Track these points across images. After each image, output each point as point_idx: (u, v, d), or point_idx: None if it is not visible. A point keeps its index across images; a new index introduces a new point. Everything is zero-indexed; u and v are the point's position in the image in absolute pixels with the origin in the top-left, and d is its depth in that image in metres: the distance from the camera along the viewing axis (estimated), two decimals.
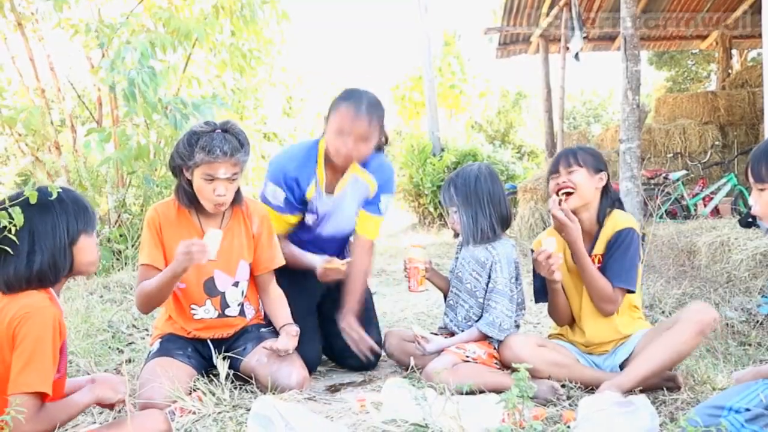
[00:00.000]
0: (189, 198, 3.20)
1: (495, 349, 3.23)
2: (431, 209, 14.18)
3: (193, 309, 3.27)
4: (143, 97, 6.21)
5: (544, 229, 10.21)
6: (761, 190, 2.23)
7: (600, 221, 3.23)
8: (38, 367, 2.09)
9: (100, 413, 2.89)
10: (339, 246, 3.90)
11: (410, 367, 3.30)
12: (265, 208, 3.46)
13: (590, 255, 3.17)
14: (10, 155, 9.07)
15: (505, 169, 14.86)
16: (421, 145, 14.74)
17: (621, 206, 3.30)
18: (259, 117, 16.12)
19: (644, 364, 2.84)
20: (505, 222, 3.37)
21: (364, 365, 3.64)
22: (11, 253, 2.19)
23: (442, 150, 14.79)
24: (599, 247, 3.20)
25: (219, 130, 3.09)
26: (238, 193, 3.26)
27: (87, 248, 2.34)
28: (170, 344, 3.20)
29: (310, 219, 3.66)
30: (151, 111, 6.53)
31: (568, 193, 3.18)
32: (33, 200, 2.18)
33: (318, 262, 3.57)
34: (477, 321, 3.30)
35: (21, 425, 2.04)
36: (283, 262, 3.42)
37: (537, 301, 3.41)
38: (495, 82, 25.10)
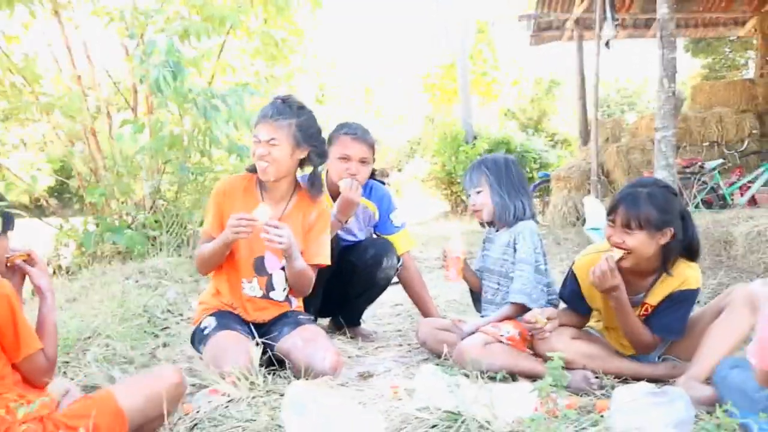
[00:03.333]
0: (254, 168, 3.34)
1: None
2: (464, 197, 14.13)
3: (242, 283, 3.34)
4: (172, 89, 6.26)
5: (577, 218, 10.15)
6: None
7: (660, 267, 2.94)
8: (26, 333, 2.17)
9: None
10: None
11: (443, 355, 3.30)
12: (328, 205, 3.57)
13: (641, 302, 3.00)
14: (48, 142, 9.16)
15: (538, 157, 14.78)
16: (454, 133, 14.69)
17: (692, 253, 2.97)
18: None
19: (713, 353, 2.71)
20: (530, 202, 3.48)
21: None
22: None
23: (475, 138, 14.74)
24: (653, 298, 2.98)
25: (278, 99, 3.28)
26: (312, 182, 3.38)
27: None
28: (227, 319, 3.26)
29: None
30: (182, 101, 6.58)
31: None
32: None
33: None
34: None
35: (44, 376, 2.22)
36: (327, 263, 3.44)
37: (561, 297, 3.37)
38: (528, 70, 24.92)
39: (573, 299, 3.20)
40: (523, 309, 3.23)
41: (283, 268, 3.34)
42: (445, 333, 3.45)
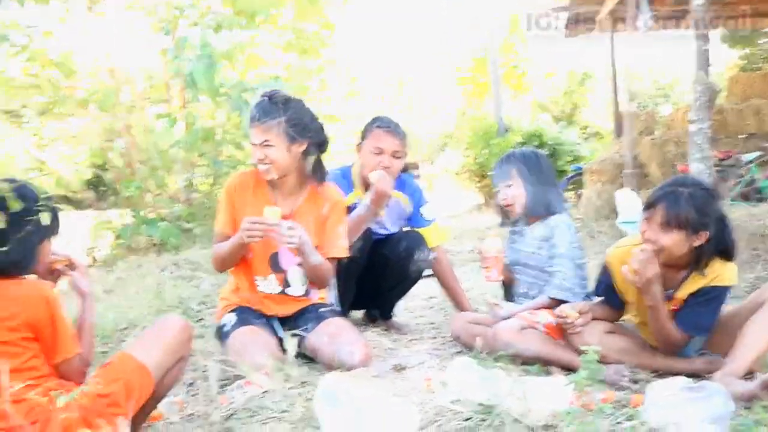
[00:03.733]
0: None
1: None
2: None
3: (257, 280, 3.35)
4: (203, 83, 6.30)
5: (610, 211, 10.06)
6: None
7: (694, 265, 2.89)
8: (66, 335, 2.19)
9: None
10: None
11: (477, 348, 3.29)
12: (341, 195, 3.52)
13: (672, 296, 2.95)
14: (84, 136, 9.28)
15: (571, 150, 14.66)
16: (486, 126, 14.62)
17: (728, 255, 2.90)
18: (322, 98, 16.20)
19: (750, 349, 2.68)
20: (562, 195, 3.51)
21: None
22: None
23: (507, 130, 14.65)
24: (683, 291, 2.94)
25: (264, 98, 3.24)
26: (316, 173, 3.35)
27: (46, 253, 2.31)
28: (247, 315, 3.27)
29: None
30: (215, 95, 6.63)
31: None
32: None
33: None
34: None
35: (79, 378, 2.23)
36: (344, 254, 3.45)
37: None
38: (561, 62, 24.69)
39: (606, 292, 3.16)
40: (560, 303, 3.21)
41: (299, 264, 3.34)
42: (478, 327, 3.43)
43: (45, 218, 2.18)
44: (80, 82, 7.80)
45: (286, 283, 3.36)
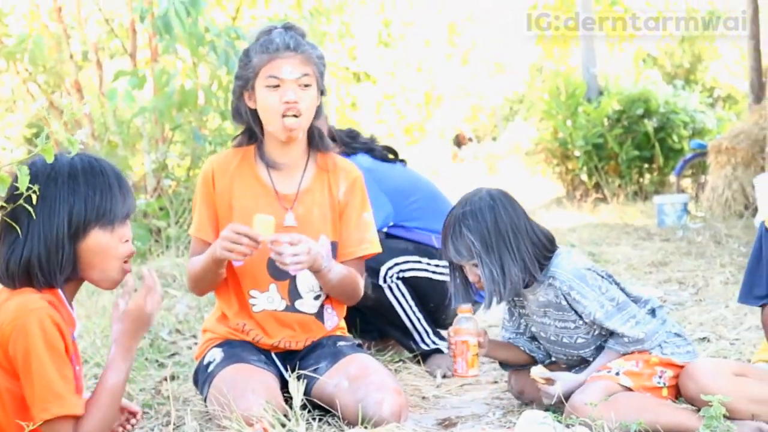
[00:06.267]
0: (251, 133, 3.32)
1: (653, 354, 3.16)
2: (584, 177, 13.99)
3: (252, 297, 3.31)
4: (183, 27, 6.29)
5: (745, 206, 9.96)
6: None
7: None
8: (44, 388, 2.17)
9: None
10: None
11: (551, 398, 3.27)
12: (359, 172, 3.48)
13: None
14: (18, 99, 9.36)
15: (690, 121, 14.52)
16: (572, 87, 14.54)
17: None
18: (346, 49, 16.21)
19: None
20: (548, 242, 3.32)
21: None
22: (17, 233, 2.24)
23: (600, 93, 14.56)
24: None
25: (278, 28, 3.22)
26: (323, 138, 3.35)
27: (102, 248, 2.35)
28: (237, 349, 3.26)
29: None
30: (197, 44, 6.63)
31: None
32: (50, 158, 2.22)
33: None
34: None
35: None
36: (378, 250, 3.44)
37: (741, 300, 3.27)
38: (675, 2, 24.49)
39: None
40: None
41: None
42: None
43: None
44: (9, 27, 7.86)
45: (294, 295, 3.33)
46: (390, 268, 3.98)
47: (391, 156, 4.30)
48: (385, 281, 3.99)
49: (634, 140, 13.41)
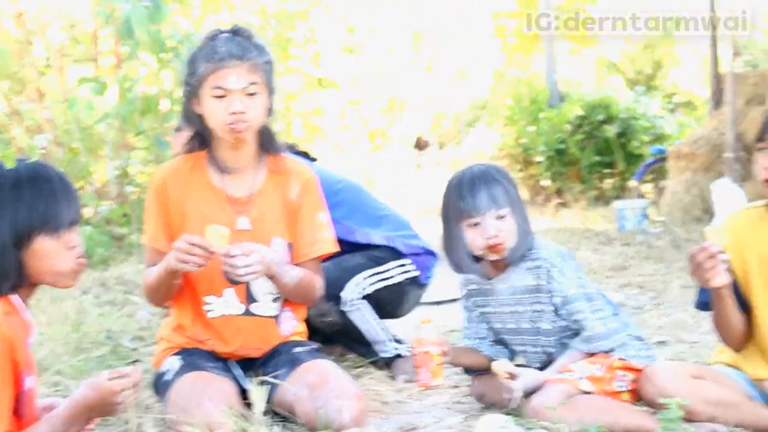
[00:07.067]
0: (203, 139, 3.30)
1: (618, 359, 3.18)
2: (546, 182, 14.08)
3: (207, 303, 3.27)
4: (146, 33, 6.28)
5: (704, 211, 10.04)
6: None
7: None
8: None
9: None
10: None
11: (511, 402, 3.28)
12: (312, 173, 3.47)
13: None
14: None
15: (651, 126, 14.63)
16: (534, 93, 14.62)
17: None
18: (310, 54, 16.19)
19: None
20: None
21: None
22: None
23: (562, 99, 14.65)
24: None
25: (224, 33, 3.18)
26: (273, 141, 3.34)
27: (49, 255, 2.33)
28: (195, 357, 3.23)
29: None
30: (159, 50, 6.62)
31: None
32: (10, 164, 2.21)
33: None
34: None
35: None
36: (334, 249, 3.45)
37: (699, 307, 3.30)
38: (639, 5, 24.68)
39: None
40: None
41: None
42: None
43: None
44: None
45: (250, 298, 3.30)
46: (351, 292, 4.03)
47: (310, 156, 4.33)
48: (348, 306, 4.03)
49: (595, 146, 13.55)
